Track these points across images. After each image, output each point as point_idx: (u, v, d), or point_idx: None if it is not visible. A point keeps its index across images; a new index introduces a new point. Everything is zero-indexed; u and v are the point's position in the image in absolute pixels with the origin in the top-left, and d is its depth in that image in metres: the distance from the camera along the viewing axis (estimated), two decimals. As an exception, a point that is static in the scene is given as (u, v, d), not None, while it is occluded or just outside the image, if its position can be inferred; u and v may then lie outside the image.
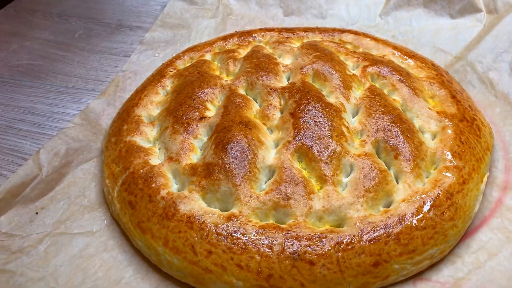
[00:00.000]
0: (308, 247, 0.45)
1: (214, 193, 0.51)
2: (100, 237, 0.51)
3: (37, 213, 0.53)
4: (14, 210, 0.52)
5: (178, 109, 0.60)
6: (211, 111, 0.61)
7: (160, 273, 0.48)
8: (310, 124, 0.55)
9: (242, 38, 0.76)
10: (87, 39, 0.86)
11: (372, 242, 0.46)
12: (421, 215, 0.48)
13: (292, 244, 0.45)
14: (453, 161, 0.53)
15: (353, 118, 0.59)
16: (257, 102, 0.62)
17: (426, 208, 0.48)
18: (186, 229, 0.47)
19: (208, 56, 0.73)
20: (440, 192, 0.50)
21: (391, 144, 0.54)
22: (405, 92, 0.61)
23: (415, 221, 0.47)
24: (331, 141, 0.54)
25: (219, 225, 0.47)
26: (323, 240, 0.46)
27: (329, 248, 0.45)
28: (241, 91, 0.63)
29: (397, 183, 0.52)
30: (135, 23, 0.89)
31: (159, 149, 0.58)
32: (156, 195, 0.51)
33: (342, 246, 0.46)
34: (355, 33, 0.75)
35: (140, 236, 0.49)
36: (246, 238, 0.46)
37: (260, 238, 0.46)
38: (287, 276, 0.44)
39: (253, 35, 0.76)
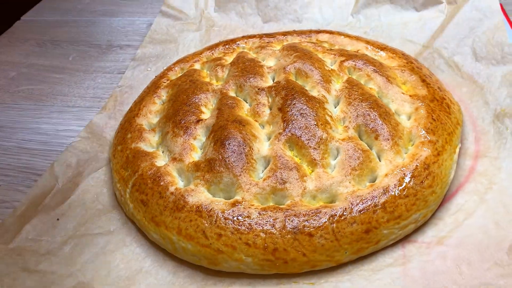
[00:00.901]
0: (306, 222, 0.51)
1: (217, 184, 0.56)
2: (118, 235, 0.56)
3: (58, 219, 0.58)
4: (37, 218, 0.57)
5: (176, 114, 0.66)
6: (206, 114, 0.67)
7: (176, 260, 0.54)
8: (297, 116, 0.61)
9: (226, 46, 0.82)
10: (81, 60, 0.91)
11: (362, 212, 0.52)
12: (403, 185, 0.54)
13: (292, 221, 0.51)
14: (427, 136, 0.59)
15: (335, 108, 0.65)
16: (247, 102, 0.68)
17: (407, 179, 0.54)
18: (196, 218, 0.53)
19: (197, 66, 0.79)
20: (418, 164, 0.56)
21: (370, 127, 0.60)
22: (379, 81, 0.67)
23: (397, 191, 0.53)
24: (317, 129, 0.60)
25: (226, 211, 0.53)
26: (318, 214, 0.52)
27: (325, 220, 0.51)
28: (232, 94, 0.69)
29: (380, 160, 0.58)
30: (124, 42, 0.95)
31: (163, 152, 0.63)
32: (165, 191, 0.56)
33: (336, 218, 0.51)
34: (330, 32, 0.82)
35: (155, 229, 0.54)
36: (251, 219, 0.52)
37: (263, 218, 0.52)
38: (290, 248, 0.50)
39: (237, 42, 0.82)
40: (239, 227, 0.51)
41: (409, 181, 0.54)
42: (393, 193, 0.53)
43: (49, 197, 0.59)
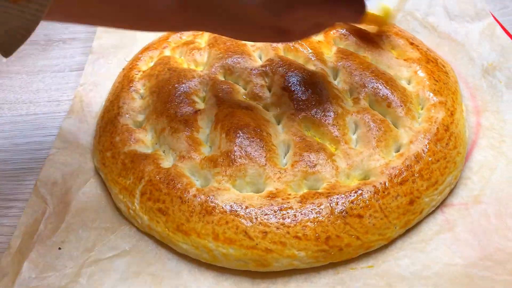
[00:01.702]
0: (351, 203, 0.48)
1: (242, 178, 0.51)
2: (137, 253, 0.49)
3: (59, 248, 0.48)
4: (35, 251, 0.47)
5: (167, 108, 0.59)
6: (200, 104, 0.60)
7: (214, 269, 0.48)
8: (305, 94, 0.57)
9: (194, 28, 0.75)
10: (19, 61, 0.78)
11: (402, 184, 0.50)
12: (432, 150, 0.53)
13: (337, 204, 0.48)
14: (435, 98, 0.58)
15: (335, 80, 0.62)
16: (239, 85, 0.62)
17: (433, 143, 0.53)
18: (233, 218, 0.47)
19: (167, 52, 0.71)
20: (438, 127, 0.55)
21: (381, 95, 0.58)
22: (370, 48, 0.65)
23: (429, 157, 0.52)
24: (330, 105, 0.56)
25: (264, 206, 0.48)
26: (362, 193, 0.49)
27: (370, 198, 0.48)
28: (221, 78, 0.63)
29: (397, 128, 0.56)
30: (66, 35, 0.83)
31: (164, 152, 0.56)
32: (186, 194, 0.49)
33: (379, 194, 0.49)
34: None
35: (184, 239, 0.48)
36: (294, 210, 0.47)
37: (306, 207, 0.47)
38: (343, 233, 0.47)
39: (206, 23, 0.75)
40: (284, 220, 0.47)
41: (435, 145, 0.53)
42: (425, 159, 0.52)
43: (43, 223, 0.49)
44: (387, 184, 0.50)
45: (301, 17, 0.44)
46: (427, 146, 0.53)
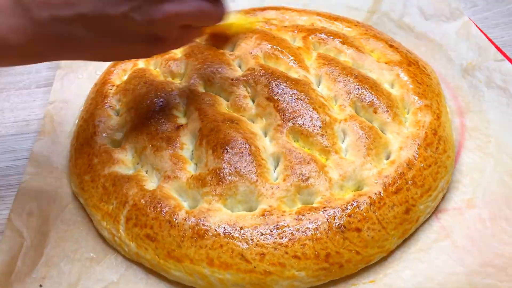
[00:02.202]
0: (349, 217, 0.46)
1: (234, 196, 0.48)
2: (126, 284, 0.46)
3: (40, 285, 0.45)
4: (14, 291, 0.43)
5: (147, 125, 0.56)
6: (181, 118, 0.58)
7: (210, 295, 0.45)
8: (291, 103, 0.56)
9: (168, 37, 0.72)
10: (-21, 79, 0.73)
11: (397, 193, 0.49)
12: (422, 156, 0.52)
13: (334, 219, 0.46)
14: (420, 101, 0.58)
15: (318, 87, 0.61)
16: (221, 96, 0.60)
17: (423, 149, 0.52)
18: (228, 241, 0.45)
19: (141, 64, 0.68)
20: (426, 131, 0.54)
21: (367, 102, 0.57)
22: (350, 52, 0.64)
23: (420, 163, 0.51)
24: (317, 114, 0.55)
25: (259, 226, 0.46)
26: (358, 205, 0.47)
27: (366, 210, 0.47)
28: (201, 90, 0.61)
29: (385, 134, 0.55)
30: (28, 49, 0.78)
31: (147, 172, 0.53)
32: (175, 218, 0.47)
33: (375, 205, 0.48)
34: (275, 8, 0.76)
35: (177, 266, 0.45)
36: (290, 228, 0.45)
37: (302, 224, 0.46)
38: (342, 249, 0.45)
39: (179, 31, 0.72)
40: (281, 240, 0.45)
41: (425, 150, 0.52)
42: (417, 166, 0.51)
43: (20, 260, 0.45)
44: (382, 194, 0.48)
45: (171, 17, 0.42)
46: (417, 151, 0.52)
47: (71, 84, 0.67)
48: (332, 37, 0.66)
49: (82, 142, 0.57)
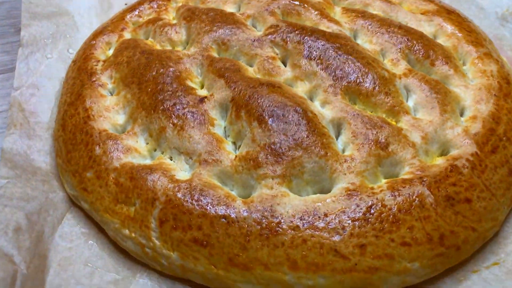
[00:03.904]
0: (453, 185, 0.36)
1: (300, 176, 0.37)
2: (174, 310, 0.33)
3: (51, 330, 0.31)
4: None
5: (161, 100, 0.43)
6: (198, 90, 0.45)
7: (292, 310, 0.33)
8: (339, 60, 0.45)
9: (154, 3, 0.58)
10: None
11: (494, 152, 0.39)
12: (505, 108, 0.43)
13: (438, 190, 0.36)
14: (477, 50, 0.49)
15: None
16: (241, 61, 0.48)
17: (502, 100, 0.44)
18: (312, 233, 0.33)
19: (127, 35, 0.55)
20: (498, 81, 0.46)
21: (421, 54, 0.47)
22: (380, 5, 0.55)
23: (506, 116, 0.43)
24: (372, 69, 0.44)
25: (347, 209, 0.34)
26: (459, 171, 0.37)
27: (470, 176, 0.37)
28: (214, 55, 0.48)
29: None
30: (-30, 31, 0.62)
31: (171, 158, 0.40)
32: (229, 213, 0.34)
33: (477, 168, 0.38)
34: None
35: (244, 276, 0.33)
36: (388, 208, 0.34)
37: (403, 201, 0.35)
38: (457, 227, 0.35)
39: (166, -4, 0.59)
40: (381, 224, 0.34)
41: (506, 101, 0.44)
42: (504, 120, 0.42)
43: (15, 296, 0.31)
44: (479, 155, 0.39)
45: None
46: (497, 103, 0.43)
47: (39, 66, 0.52)
48: (354, -11, 0.56)
49: (73, 130, 0.42)
